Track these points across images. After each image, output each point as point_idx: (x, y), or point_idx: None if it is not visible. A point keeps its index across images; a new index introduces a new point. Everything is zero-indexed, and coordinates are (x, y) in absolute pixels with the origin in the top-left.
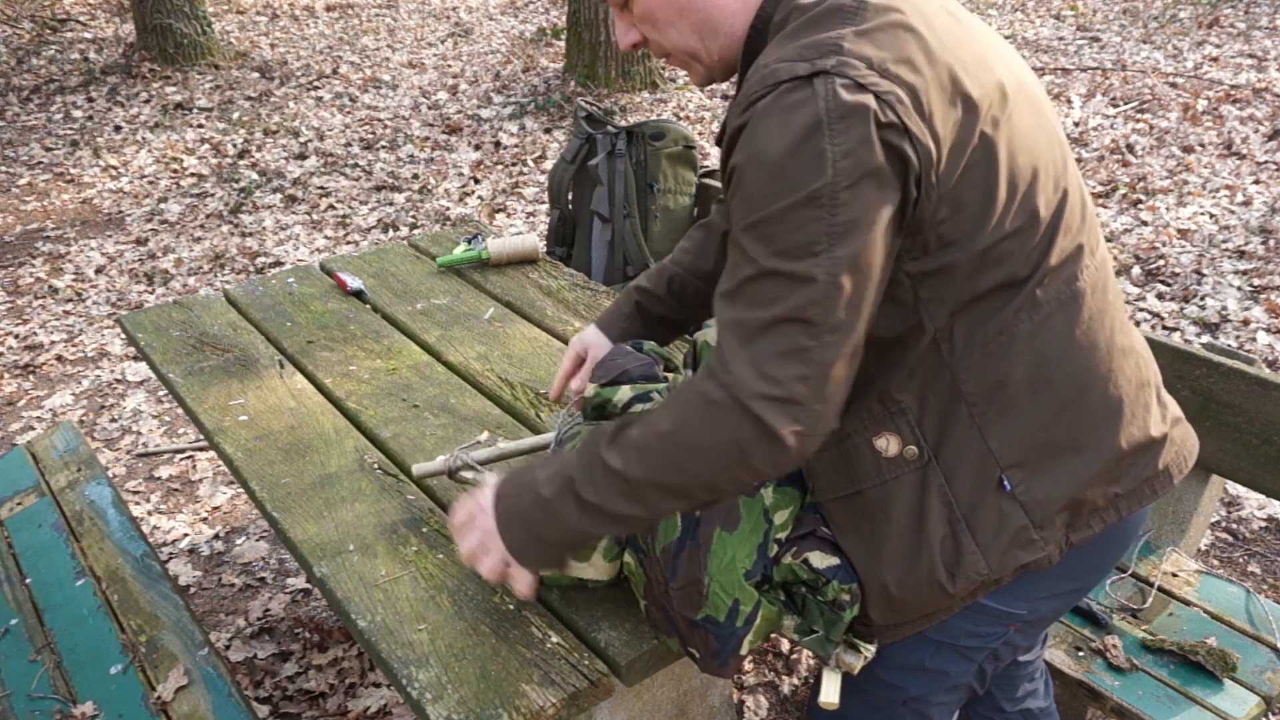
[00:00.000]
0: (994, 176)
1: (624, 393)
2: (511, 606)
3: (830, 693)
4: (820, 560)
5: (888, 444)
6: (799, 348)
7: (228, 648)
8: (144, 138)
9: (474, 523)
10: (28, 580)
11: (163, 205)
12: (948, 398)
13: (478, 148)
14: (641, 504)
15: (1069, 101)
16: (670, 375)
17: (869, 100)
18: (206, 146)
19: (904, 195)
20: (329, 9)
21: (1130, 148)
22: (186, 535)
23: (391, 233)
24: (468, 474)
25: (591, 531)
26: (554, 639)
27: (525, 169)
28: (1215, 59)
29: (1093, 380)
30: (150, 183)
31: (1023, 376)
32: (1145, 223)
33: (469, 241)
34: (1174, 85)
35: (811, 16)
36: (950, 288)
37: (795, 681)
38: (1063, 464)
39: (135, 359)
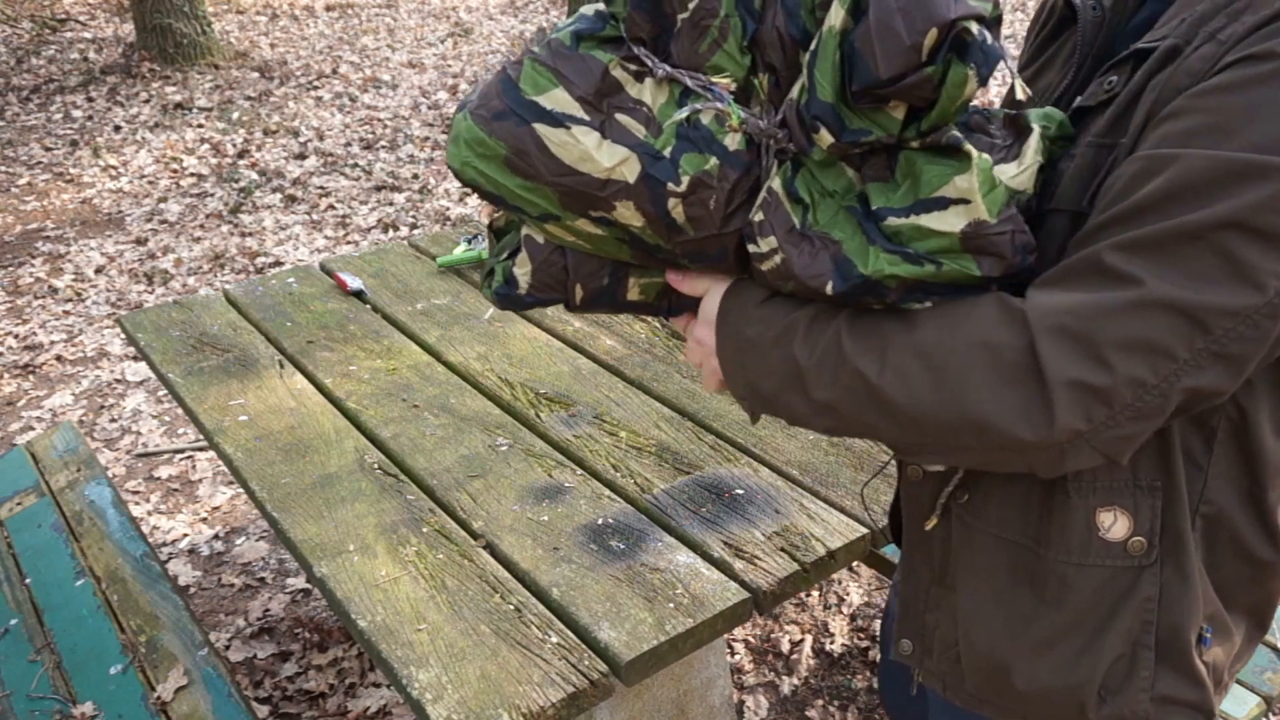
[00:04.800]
0: None
1: None
2: (511, 606)
3: None
4: None
5: (1113, 523)
6: (1166, 351)
7: (228, 648)
8: (144, 138)
9: (701, 322)
10: (28, 580)
11: (162, 205)
12: (1179, 503)
13: None
14: (882, 416)
15: None
16: None
17: None
18: (206, 146)
19: None
20: (329, 9)
21: None
22: (186, 535)
23: (391, 233)
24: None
25: (804, 416)
26: (554, 639)
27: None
28: None
29: None
30: (150, 183)
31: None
32: None
33: (469, 241)
34: None
35: None
36: None
37: (795, 681)
38: (1230, 633)
39: (135, 359)
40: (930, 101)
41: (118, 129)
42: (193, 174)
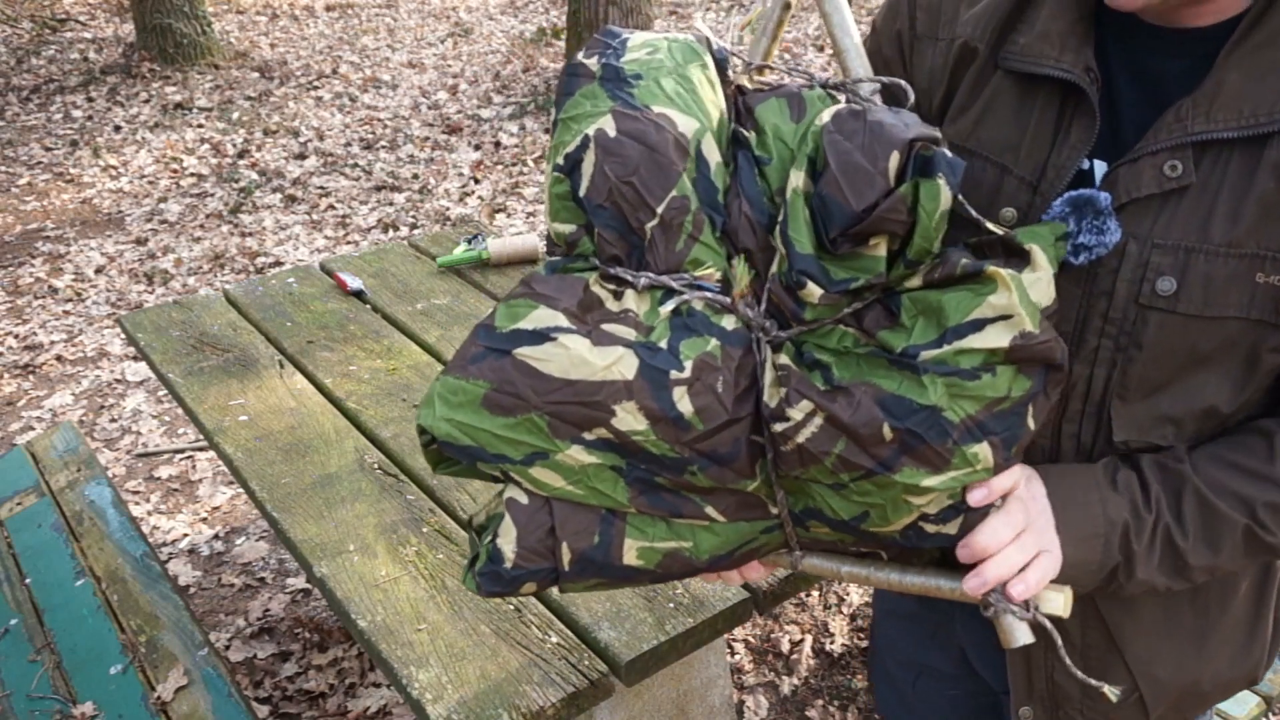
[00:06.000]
0: None
1: None
2: (511, 606)
3: (1023, 635)
4: None
5: None
6: None
7: (228, 648)
8: (144, 138)
9: (1020, 501)
10: (28, 580)
11: (162, 205)
12: None
13: (478, 148)
14: None
15: None
16: None
17: None
18: (206, 146)
19: None
20: (329, 9)
21: None
22: (186, 535)
23: (391, 233)
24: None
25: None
26: (554, 639)
27: (525, 169)
28: None
29: None
30: (150, 183)
31: None
32: None
33: (469, 241)
34: None
35: None
36: None
37: (795, 681)
38: None
39: (135, 359)
40: (908, 227)
41: (118, 129)
42: (193, 174)
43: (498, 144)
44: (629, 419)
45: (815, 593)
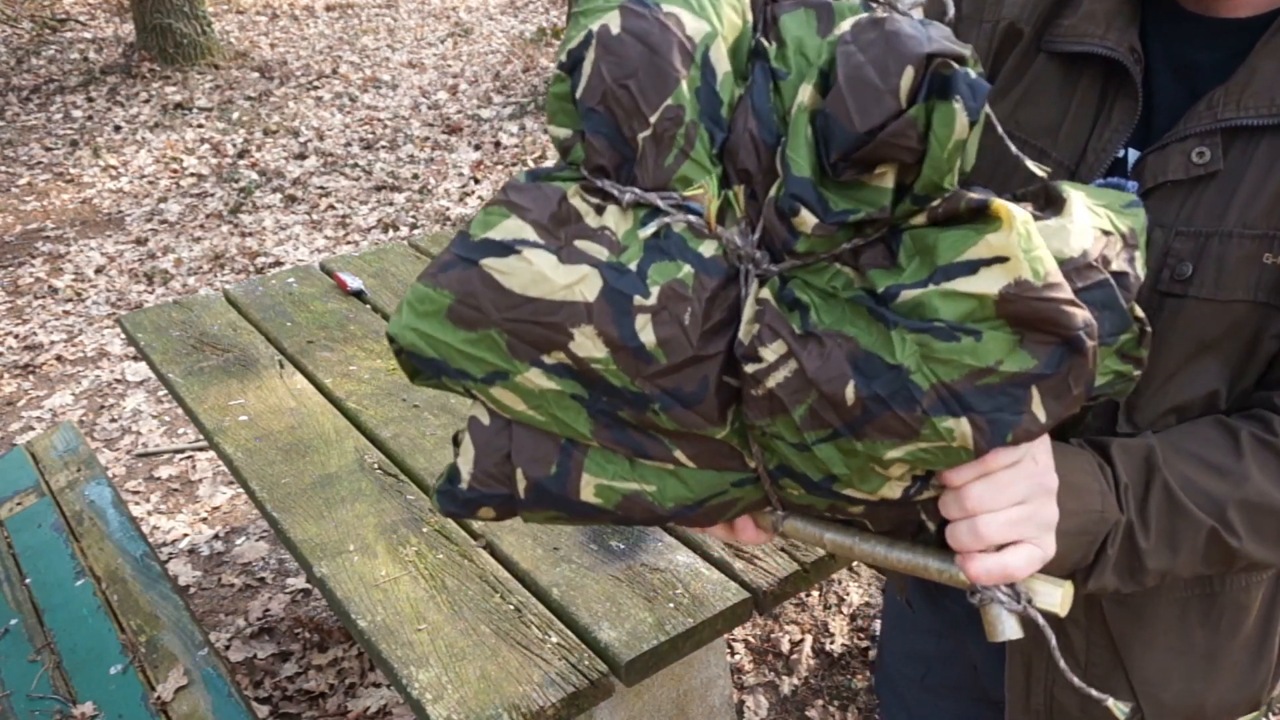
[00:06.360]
0: None
1: None
2: (511, 606)
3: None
4: None
5: None
6: None
7: (228, 648)
8: (144, 138)
9: (1024, 467)
10: (28, 580)
11: (162, 205)
12: None
13: (478, 148)
14: None
15: None
16: None
17: None
18: (206, 146)
19: None
20: (329, 9)
21: None
22: (186, 535)
23: (391, 233)
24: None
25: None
26: (554, 639)
27: (525, 169)
28: None
29: None
30: (150, 183)
31: None
32: None
33: None
34: None
35: None
36: None
37: (795, 681)
38: None
39: (135, 359)
40: (918, 156)
41: (118, 129)
42: (193, 174)
43: (498, 144)
44: (587, 344)
45: (815, 593)
